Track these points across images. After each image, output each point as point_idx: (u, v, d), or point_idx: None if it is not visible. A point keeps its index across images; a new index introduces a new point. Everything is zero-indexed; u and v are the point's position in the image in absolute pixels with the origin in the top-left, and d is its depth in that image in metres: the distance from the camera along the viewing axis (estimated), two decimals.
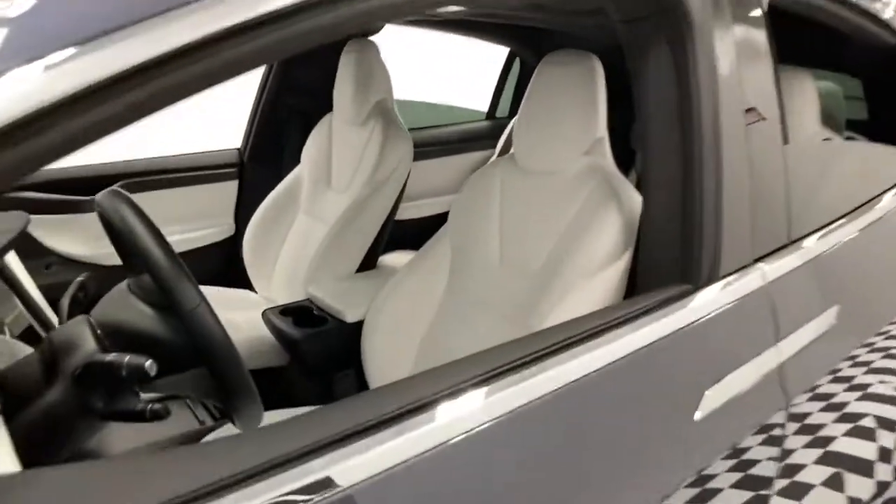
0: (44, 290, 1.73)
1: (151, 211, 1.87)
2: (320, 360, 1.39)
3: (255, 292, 1.92)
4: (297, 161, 1.94)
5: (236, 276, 1.93)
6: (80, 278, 0.94)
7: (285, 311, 1.45)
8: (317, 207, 1.87)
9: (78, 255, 1.81)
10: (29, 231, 1.72)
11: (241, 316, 1.70)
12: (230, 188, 2.07)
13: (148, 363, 0.66)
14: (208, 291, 1.89)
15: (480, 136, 2.51)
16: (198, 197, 2.00)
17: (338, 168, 1.87)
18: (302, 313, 1.44)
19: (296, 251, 1.84)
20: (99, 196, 0.79)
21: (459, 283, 1.24)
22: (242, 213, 2.04)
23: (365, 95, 1.76)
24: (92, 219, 1.81)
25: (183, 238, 1.98)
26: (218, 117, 3.25)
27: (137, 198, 1.90)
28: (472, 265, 1.23)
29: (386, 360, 1.24)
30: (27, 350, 0.88)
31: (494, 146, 2.44)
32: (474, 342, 1.18)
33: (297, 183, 1.93)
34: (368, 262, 1.78)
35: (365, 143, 1.76)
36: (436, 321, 1.23)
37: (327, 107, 1.91)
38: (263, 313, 1.46)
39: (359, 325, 1.27)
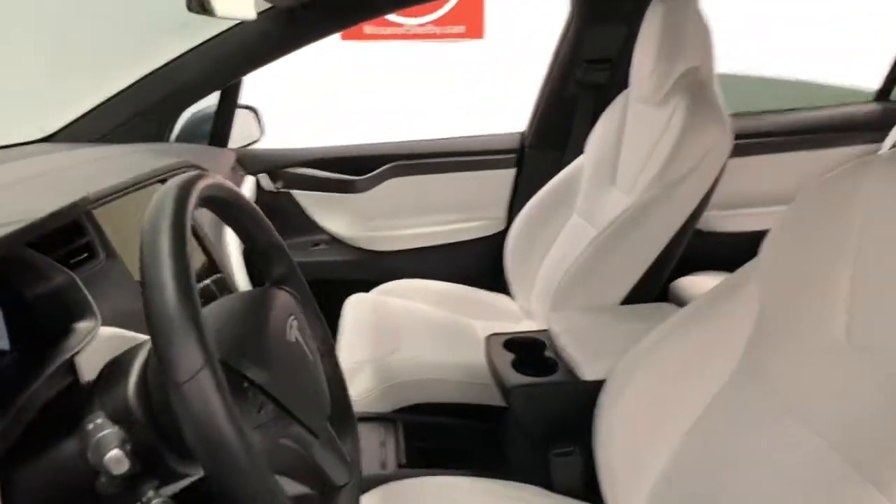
0: (310, 267, 1.73)
1: (417, 195, 1.74)
2: (535, 423, 1.03)
3: (515, 300, 1.65)
4: (582, 149, 1.59)
5: (501, 278, 1.69)
6: None
7: (511, 342, 1.13)
8: (595, 209, 1.49)
9: (343, 236, 1.77)
10: (304, 208, 1.74)
11: (482, 328, 1.45)
12: (506, 177, 1.82)
13: None
14: (463, 292, 1.71)
15: (858, 125, 1.80)
16: (469, 184, 1.80)
17: (625, 160, 1.46)
18: (531, 350, 1.10)
19: (561, 261, 1.50)
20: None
21: (759, 366, 0.74)
22: (516, 207, 1.77)
23: (669, 64, 1.29)
24: (359, 199, 1.76)
25: (448, 229, 1.81)
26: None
27: (405, 181, 1.79)
28: (789, 338, 0.72)
29: (625, 451, 0.83)
30: None
31: (881, 138, 1.72)
32: (769, 480, 0.69)
33: (576, 177, 1.57)
34: (648, 287, 1.34)
35: (662, 129, 1.31)
36: (706, 418, 0.76)
37: (626, 81, 1.50)
38: (487, 339, 1.17)
39: (597, 387, 0.88)
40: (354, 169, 1.74)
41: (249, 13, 1.06)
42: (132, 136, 1.52)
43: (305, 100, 3.22)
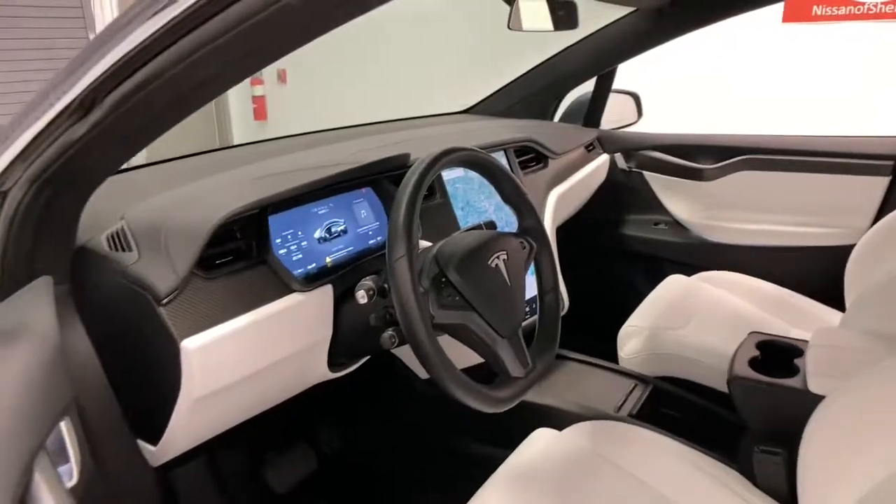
0: (646, 243, 1.92)
1: (767, 192, 1.74)
2: (755, 421, 1.03)
3: None
4: None
5: (838, 292, 1.57)
6: None
7: (769, 344, 1.12)
8: None
9: (682, 220, 1.87)
10: (652, 188, 1.91)
11: (784, 332, 1.42)
12: (877, 185, 1.63)
13: None
14: (786, 296, 1.61)
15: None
16: (832, 188, 1.68)
17: None
18: (787, 353, 1.08)
19: None
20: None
21: None
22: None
23: None
24: (704, 187, 1.83)
25: (795, 231, 1.74)
26: None
27: (756, 175, 1.80)
28: None
29: (829, 464, 0.83)
30: None
31: None
32: None
33: None
34: None
35: None
36: None
37: None
38: (748, 335, 1.17)
39: (817, 400, 0.88)
40: (704, 157, 1.82)
41: (548, 26, 1.32)
42: (524, 113, 1.93)
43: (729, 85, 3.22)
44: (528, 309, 1.29)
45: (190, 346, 0.80)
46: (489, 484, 1.00)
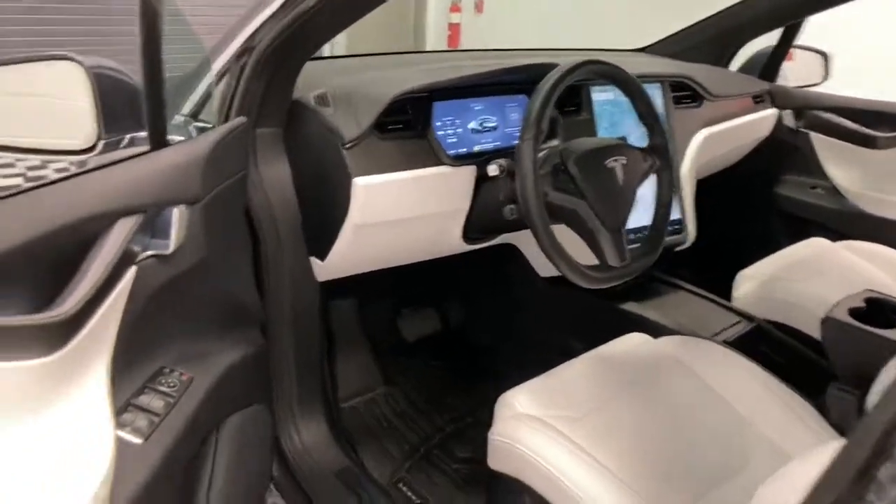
0: (798, 205, 1.90)
1: None
2: (840, 361, 1.07)
3: None
4: None
5: None
6: None
7: (879, 302, 1.12)
8: None
9: (843, 188, 1.82)
10: (816, 150, 1.87)
11: None
12: None
13: None
14: None
15: None
16: None
17: None
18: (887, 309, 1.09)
19: None
20: None
21: None
22: None
23: None
24: (874, 156, 1.75)
25: None
26: None
27: None
28: None
29: None
30: None
31: None
32: None
33: None
34: None
35: None
36: None
37: None
38: (864, 291, 1.18)
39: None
40: (881, 125, 1.74)
41: None
42: (697, 58, 1.95)
43: None
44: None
45: (360, 182, 1.05)
46: (575, 361, 1.17)
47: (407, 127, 1.15)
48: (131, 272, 0.74)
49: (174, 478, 0.78)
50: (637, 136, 1.49)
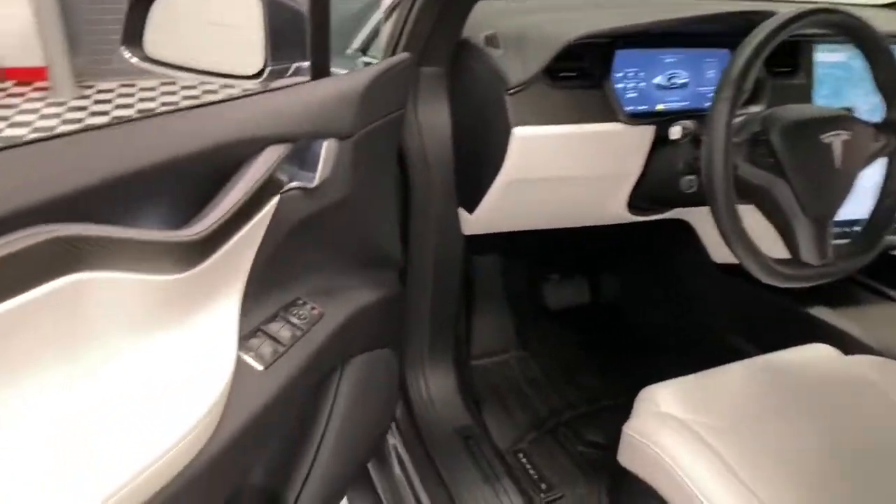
0: None
1: None
2: None
3: None
4: None
5: None
6: None
7: None
8: None
9: None
10: None
11: None
12: None
13: None
14: None
15: None
16: None
17: None
18: None
19: None
20: None
21: None
22: None
23: None
24: None
25: None
26: None
27: None
28: None
29: None
30: None
31: None
32: None
33: None
34: None
35: None
36: None
37: None
38: None
39: None
40: None
41: None
42: None
43: None
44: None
45: (519, 133, 0.97)
46: (740, 364, 1.02)
47: (582, 75, 1.03)
48: (274, 202, 0.73)
49: (290, 408, 0.78)
50: (865, 110, 1.23)
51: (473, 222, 1.13)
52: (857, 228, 1.03)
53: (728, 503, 0.78)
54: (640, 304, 1.65)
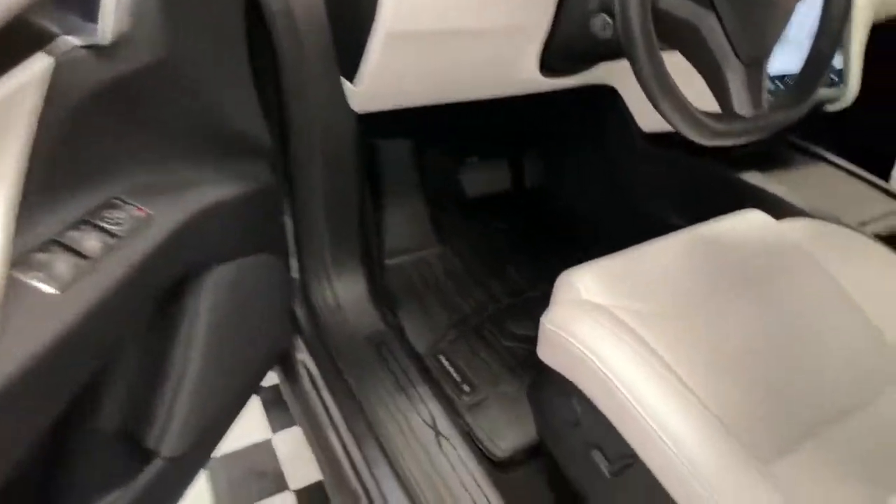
0: None
1: None
2: None
3: None
4: None
5: None
6: None
7: None
8: None
9: None
10: None
11: None
12: None
13: None
14: None
15: None
16: None
17: None
18: None
19: None
20: None
21: None
22: None
23: None
24: None
25: None
26: None
27: None
28: None
29: None
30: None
31: None
32: None
33: None
34: None
35: None
36: None
37: None
38: None
39: None
40: None
41: None
42: None
43: None
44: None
45: None
46: (668, 238, 0.91)
47: None
48: (45, 64, 0.53)
49: (110, 337, 0.62)
50: None
51: (361, 96, 0.95)
52: (789, 80, 0.90)
53: (655, 396, 0.69)
54: (566, 186, 1.52)
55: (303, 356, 1.14)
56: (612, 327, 0.76)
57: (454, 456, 0.96)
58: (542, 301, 1.31)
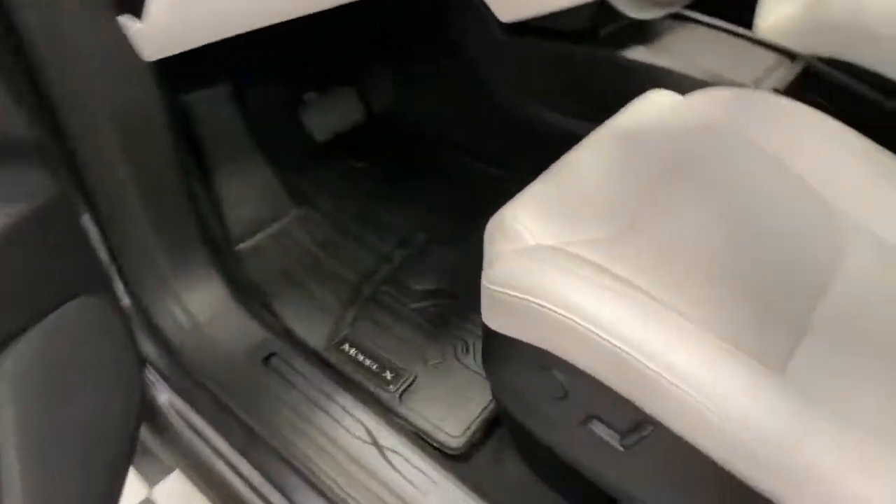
0: None
1: None
2: None
3: None
4: None
5: None
6: None
7: None
8: None
9: None
10: None
11: None
12: None
13: None
14: None
15: None
16: None
17: None
18: None
19: None
20: None
21: None
22: None
23: None
24: None
25: None
26: None
27: None
28: None
29: None
30: None
31: None
32: None
33: None
34: None
35: None
36: None
37: None
38: None
39: None
40: None
41: None
42: None
43: None
44: None
45: None
46: (584, 143, 0.76)
47: None
48: None
49: None
50: None
51: (151, 35, 0.65)
52: None
53: (659, 341, 0.55)
54: (422, 104, 1.31)
55: (166, 397, 0.87)
56: (582, 273, 0.60)
57: (400, 463, 0.78)
58: (435, 244, 1.11)
